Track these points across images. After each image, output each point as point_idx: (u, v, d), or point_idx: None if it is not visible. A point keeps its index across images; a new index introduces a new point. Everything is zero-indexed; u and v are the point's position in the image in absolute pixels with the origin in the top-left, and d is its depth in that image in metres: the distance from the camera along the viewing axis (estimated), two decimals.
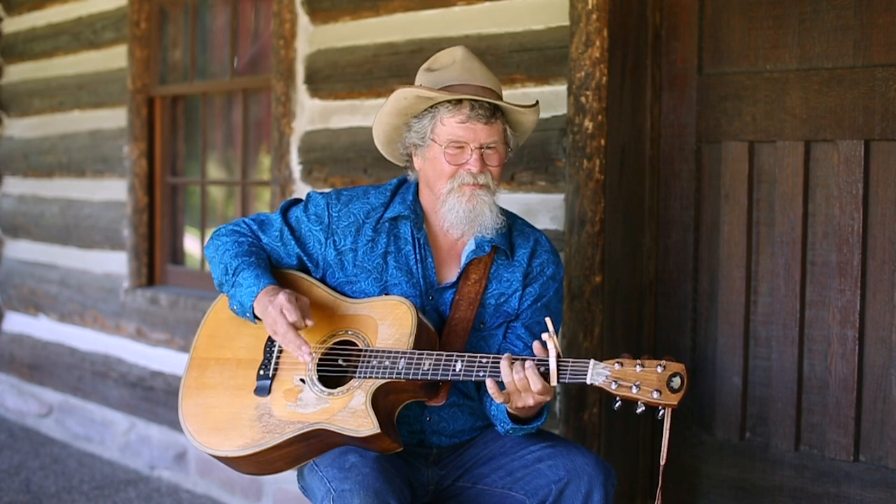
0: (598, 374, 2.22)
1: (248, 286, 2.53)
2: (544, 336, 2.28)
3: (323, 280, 2.66)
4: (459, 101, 2.48)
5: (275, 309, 2.45)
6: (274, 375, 2.56)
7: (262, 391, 2.54)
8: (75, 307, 5.41)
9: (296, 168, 4.06)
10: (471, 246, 2.59)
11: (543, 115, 3.28)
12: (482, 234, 2.55)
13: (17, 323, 5.94)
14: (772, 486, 3.03)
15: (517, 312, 2.62)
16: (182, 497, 4.55)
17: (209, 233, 4.91)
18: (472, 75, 2.53)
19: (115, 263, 5.14)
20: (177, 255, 5.11)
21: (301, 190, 4.03)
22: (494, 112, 2.51)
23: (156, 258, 5.06)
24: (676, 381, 2.18)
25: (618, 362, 2.22)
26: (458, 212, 2.51)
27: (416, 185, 2.67)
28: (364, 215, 2.64)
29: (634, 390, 2.19)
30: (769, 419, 3.04)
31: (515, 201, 3.33)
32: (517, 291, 2.61)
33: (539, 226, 3.29)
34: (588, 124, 3.11)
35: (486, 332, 2.59)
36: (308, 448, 2.48)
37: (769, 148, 3.01)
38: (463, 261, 2.60)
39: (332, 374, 2.50)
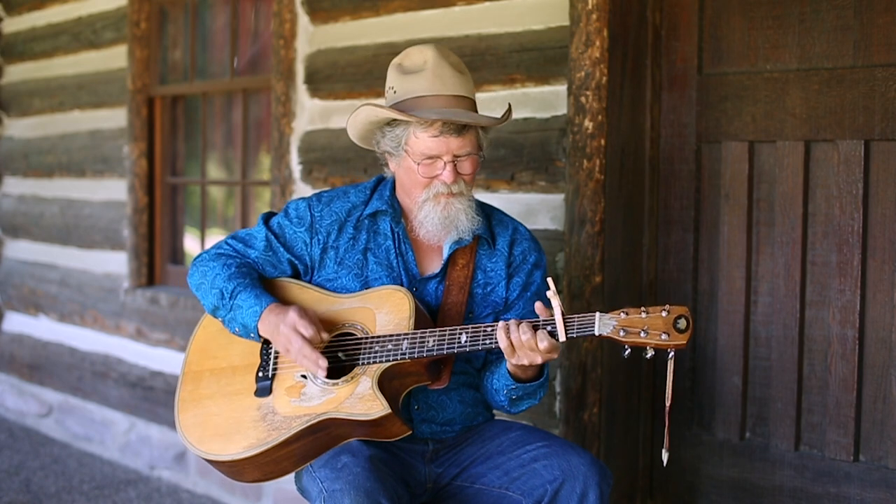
0: (605, 324, 2.27)
1: (250, 307, 2.53)
2: (548, 294, 2.31)
3: (309, 281, 2.67)
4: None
5: (287, 327, 2.45)
6: (274, 375, 2.55)
7: (263, 392, 2.54)
8: (75, 307, 5.41)
9: (296, 168, 4.06)
10: (453, 237, 2.61)
11: (543, 115, 3.28)
12: (460, 237, 2.58)
13: (17, 323, 5.94)
14: (772, 486, 3.03)
15: (506, 302, 2.64)
16: (182, 497, 4.55)
17: (210, 233, 4.92)
18: (444, 83, 2.51)
19: (115, 263, 5.14)
20: (177, 255, 5.11)
21: (301, 190, 4.03)
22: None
23: (156, 258, 5.06)
24: (682, 322, 2.24)
25: (623, 312, 2.27)
26: (434, 219, 2.55)
27: (393, 181, 2.70)
28: (345, 213, 2.67)
29: (643, 335, 2.24)
30: (769, 419, 3.04)
31: (515, 201, 3.33)
32: (502, 280, 2.64)
33: (539, 226, 3.29)
34: (588, 124, 3.11)
35: (476, 321, 2.60)
36: (315, 443, 2.46)
37: (769, 148, 3.01)
38: (446, 252, 2.62)
39: (334, 366, 2.49)
